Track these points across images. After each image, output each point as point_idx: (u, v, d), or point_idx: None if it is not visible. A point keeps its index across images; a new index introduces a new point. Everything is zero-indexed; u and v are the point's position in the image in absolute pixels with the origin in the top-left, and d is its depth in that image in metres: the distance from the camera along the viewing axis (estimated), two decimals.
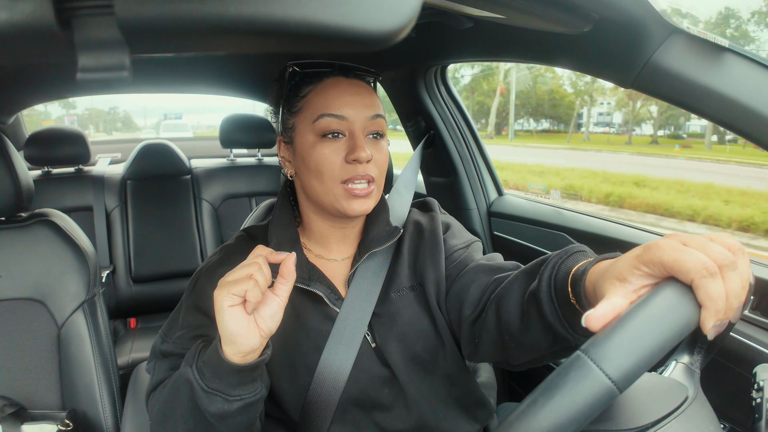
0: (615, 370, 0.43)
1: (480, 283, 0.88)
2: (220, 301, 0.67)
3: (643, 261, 0.50)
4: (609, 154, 18.64)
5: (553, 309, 0.69)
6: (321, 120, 0.83)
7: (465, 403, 0.97)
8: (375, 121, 0.86)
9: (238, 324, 0.67)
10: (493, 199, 1.91)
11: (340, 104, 0.83)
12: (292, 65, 0.88)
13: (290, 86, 0.89)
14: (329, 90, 0.85)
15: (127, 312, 2.45)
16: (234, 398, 0.71)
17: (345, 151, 0.83)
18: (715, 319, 0.45)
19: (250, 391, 0.73)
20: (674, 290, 0.46)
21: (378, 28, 0.29)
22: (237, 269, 0.69)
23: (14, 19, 0.26)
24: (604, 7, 0.81)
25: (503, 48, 1.23)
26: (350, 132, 0.84)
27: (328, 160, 0.83)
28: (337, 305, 0.89)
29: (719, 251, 0.47)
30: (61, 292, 1.25)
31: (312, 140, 0.84)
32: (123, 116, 23.17)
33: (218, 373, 0.70)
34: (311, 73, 0.88)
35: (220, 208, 2.57)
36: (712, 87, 0.80)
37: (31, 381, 1.21)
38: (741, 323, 1.00)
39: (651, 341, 0.43)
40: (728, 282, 0.46)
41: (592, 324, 0.48)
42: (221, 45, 0.31)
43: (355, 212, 0.84)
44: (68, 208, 2.29)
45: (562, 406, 0.43)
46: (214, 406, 0.70)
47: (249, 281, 0.66)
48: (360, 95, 0.85)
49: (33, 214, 1.31)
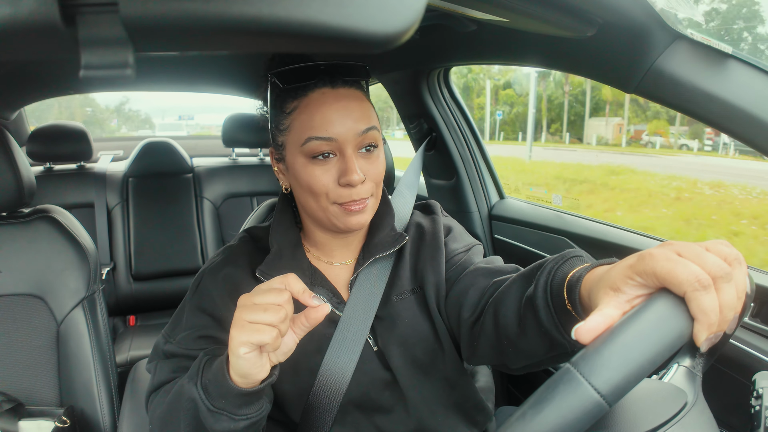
0: (604, 385, 0.42)
1: (479, 286, 0.88)
2: (237, 347, 0.65)
3: (636, 271, 0.49)
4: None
5: (549, 315, 0.68)
6: (309, 144, 0.79)
7: (464, 408, 0.97)
8: (367, 135, 0.81)
9: (251, 366, 0.66)
10: (495, 203, 1.91)
11: (326, 124, 0.79)
12: (273, 76, 0.84)
13: (274, 99, 0.85)
14: (314, 108, 0.80)
15: (126, 309, 2.45)
16: (240, 417, 0.70)
17: (337, 173, 0.80)
18: (707, 333, 0.44)
19: (256, 410, 0.72)
20: (666, 302, 0.46)
21: (382, 30, 0.29)
22: (259, 308, 0.65)
23: (19, 15, 0.26)
24: (608, 12, 0.81)
25: (506, 51, 1.23)
26: (341, 151, 0.80)
27: (320, 181, 0.80)
28: (339, 309, 0.89)
29: (714, 262, 0.46)
30: (61, 289, 1.25)
31: (302, 161, 0.81)
32: (144, 117, 24.69)
33: (224, 393, 0.69)
34: (294, 87, 0.83)
35: (221, 207, 2.57)
36: (715, 93, 0.80)
37: (30, 377, 1.21)
38: (741, 330, 0.99)
39: (641, 355, 0.43)
40: (722, 294, 0.45)
41: (582, 337, 0.47)
42: (225, 44, 0.31)
43: (352, 227, 0.83)
44: (70, 205, 2.29)
45: (551, 420, 0.43)
46: (220, 424, 0.70)
47: (272, 332, 0.64)
48: (348, 109, 0.80)
49: (34, 210, 1.31)
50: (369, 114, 0.83)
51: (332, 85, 0.82)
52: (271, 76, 0.84)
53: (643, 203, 7.75)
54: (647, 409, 0.52)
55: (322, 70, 0.82)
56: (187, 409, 0.72)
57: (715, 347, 0.58)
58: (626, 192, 8.34)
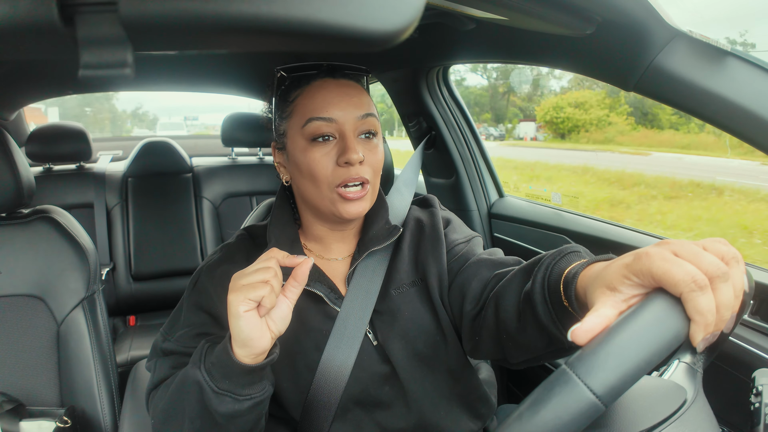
0: (600, 386, 0.42)
1: (481, 277, 0.88)
2: (236, 306, 0.67)
3: (632, 271, 0.49)
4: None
5: (546, 311, 0.69)
6: (310, 124, 0.83)
7: (468, 400, 0.97)
8: (366, 120, 0.85)
9: (252, 328, 0.68)
10: (494, 201, 1.91)
11: (327, 106, 0.83)
12: (280, 70, 0.88)
13: (280, 91, 0.89)
14: (316, 92, 0.84)
15: (126, 310, 2.45)
16: (244, 397, 0.72)
17: (336, 154, 0.83)
18: (704, 333, 0.44)
19: (259, 390, 0.74)
20: (663, 303, 0.45)
21: (380, 28, 0.29)
22: (251, 273, 0.69)
23: (17, 14, 0.26)
24: (607, 10, 0.81)
25: (505, 49, 1.23)
26: (340, 134, 0.83)
27: (320, 164, 0.82)
28: (337, 304, 0.89)
29: (711, 262, 0.46)
30: (61, 289, 1.25)
31: (303, 145, 0.84)
32: (153, 118, 25.77)
33: (228, 374, 0.71)
34: (298, 76, 0.87)
35: (220, 207, 2.57)
36: (714, 91, 0.80)
37: (30, 378, 1.21)
38: (740, 328, 0.99)
39: (637, 356, 0.43)
40: (719, 294, 0.45)
41: (578, 338, 0.47)
42: (224, 43, 0.31)
43: (350, 215, 0.84)
44: (69, 205, 2.29)
45: (547, 421, 0.43)
46: (224, 406, 0.71)
47: (265, 287, 0.67)
48: (348, 95, 0.85)
49: (34, 210, 1.31)
50: (368, 102, 0.87)
51: (333, 76, 0.87)
52: (277, 71, 0.88)
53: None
54: (647, 406, 0.52)
55: (325, 66, 0.88)
56: (191, 392, 0.74)
57: (715, 344, 0.58)
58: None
